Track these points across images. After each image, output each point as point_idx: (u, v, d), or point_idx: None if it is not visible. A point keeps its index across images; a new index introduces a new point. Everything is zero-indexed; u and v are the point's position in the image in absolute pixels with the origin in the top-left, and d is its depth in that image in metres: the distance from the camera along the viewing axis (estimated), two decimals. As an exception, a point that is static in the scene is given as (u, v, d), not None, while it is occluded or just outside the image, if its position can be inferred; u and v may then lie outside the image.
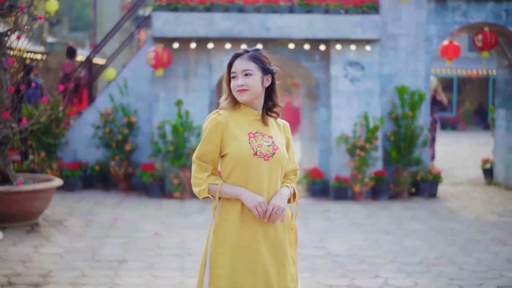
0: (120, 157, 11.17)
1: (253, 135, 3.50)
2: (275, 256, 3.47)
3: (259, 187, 3.45)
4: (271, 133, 3.55)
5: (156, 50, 10.69)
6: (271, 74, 3.57)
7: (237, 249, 3.43)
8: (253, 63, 3.50)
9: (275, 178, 3.51)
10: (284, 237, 3.52)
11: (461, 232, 8.59)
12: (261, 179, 3.45)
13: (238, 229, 3.45)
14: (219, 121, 3.50)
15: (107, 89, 11.84)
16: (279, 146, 3.52)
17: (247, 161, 3.44)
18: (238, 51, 3.58)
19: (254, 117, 3.55)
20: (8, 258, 6.89)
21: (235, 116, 3.54)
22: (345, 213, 9.80)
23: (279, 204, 3.44)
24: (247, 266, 3.42)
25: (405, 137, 10.98)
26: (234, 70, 3.52)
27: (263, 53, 3.58)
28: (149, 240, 7.84)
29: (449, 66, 27.65)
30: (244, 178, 3.46)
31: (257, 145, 3.47)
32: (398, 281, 6.34)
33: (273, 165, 3.48)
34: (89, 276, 6.36)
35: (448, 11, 11.33)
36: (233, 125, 3.50)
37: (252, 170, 3.45)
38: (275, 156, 3.48)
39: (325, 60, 11.30)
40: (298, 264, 6.77)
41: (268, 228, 3.47)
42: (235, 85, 3.50)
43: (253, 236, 3.44)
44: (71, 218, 9.02)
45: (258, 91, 3.52)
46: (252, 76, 3.49)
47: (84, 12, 37.38)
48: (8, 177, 8.40)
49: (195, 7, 10.86)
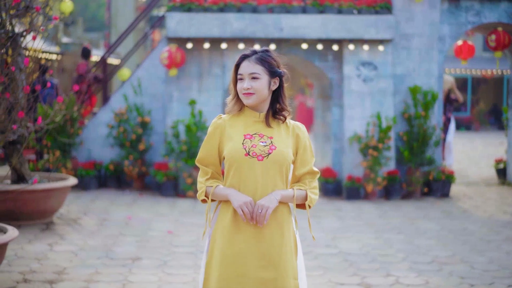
0: (134, 157, 11.26)
1: (250, 136, 3.45)
2: (269, 261, 3.38)
3: (252, 188, 3.39)
4: (273, 134, 3.47)
5: (169, 50, 10.77)
6: (279, 77, 3.50)
7: (227, 252, 3.38)
8: (260, 66, 3.44)
9: (273, 179, 3.42)
10: (280, 242, 3.42)
11: (473, 231, 8.61)
12: (254, 180, 3.39)
13: (230, 232, 3.40)
14: (219, 125, 3.51)
15: (121, 89, 11.94)
16: (277, 147, 3.43)
17: (238, 161, 3.40)
18: (246, 52, 3.51)
19: (255, 119, 3.50)
20: (23, 256, 6.99)
21: (236, 119, 3.52)
22: (357, 212, 9.83)
23: (263, 203, 3.34)
24: (236, 270, 3.36)
25: (417, 137, 10.99)
26: (241, 72, 3.46)
27: (272, 54, 3.51)
28: (163, 238, 7.92)
29: (463, 66, 27.59)
30: (238, 179, 3.42)
31: (251, 145, 3.42)
32: (409, 279, 6.37)
33: (268, 166, 3.40)
34: (103, 273, 6.44)
35: (462, 11, 11.33)
36: (231, 128, 3.49)
37: (244, 171, 3.40)
38: (271, 156, 3.40)
39: (338, 60, 11.33)
40: (310, 262, 6.85)
41: (262, 231, 3.39)
42: (242, 87, 3.44)
43: (245, 239, 3.38)
44: (85, 216, 9.12)
45: (265, 95, 3.46)
46: (259, 80, 3.43)
47: (99, 13, 37.59)
48: (23, 176, 8.51)
49: (209, 8, 10.92)
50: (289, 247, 3.45)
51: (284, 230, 3.46)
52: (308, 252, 7.40)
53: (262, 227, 3.38)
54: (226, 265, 3.37)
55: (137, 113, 11.39)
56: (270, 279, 3.36)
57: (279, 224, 3.44)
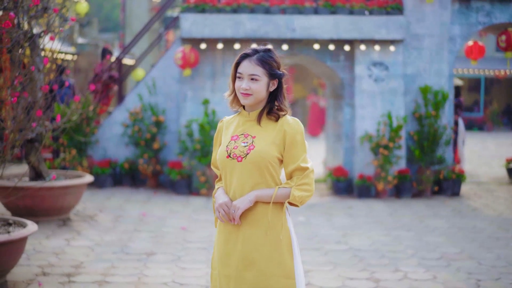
0: (149, 155, 11.45)
1: (236, 137, 3.45)
2: (251, 261, 3.35)
3: (234, 190, 3.40)
4: (258, 133, 3.43)
5: (183, 51, 10.95)
6: (279, 78, 3.45)
7: (219, 252, 3.47)
8: (260, 68, 3.39)
9: (253, 179, 3.37)
10: (262, 241, 3.36)
11: (482, 229, 8.72)
12: (236, 181, 3.39)
13: (220, 233, 3.49)
14: (219, 129, 3.59)
15: (136, 89, 12.14)
16: (256, 146, 3.38)
17: (222, 164, 3.44)
18: (247, 51, 3.46)
19: (246, 119, 3.49)
20: (42, 250, 7.19)
21: (233, 120, 3.56)
22: (368, 210, 9.97)
23: (235, 204, 3.35)
24: (223, 270, 3.43)
25: (428, 136, 11.12)
26: (241, 71, 3.42)
27: (273, 55, 3.46)
28: (177, 235, 8.10)
29: (476, 67, 27.62)
30: (225, 181, 3.47)
31: (233, 147, 3.42)
32: (417, 274, 6.51)
33: (246, 166, 3.37)
34: (118, 267, 6.62)
35: (472, 12, 11.44)
36: (226, 130, 3.54)
37: (228, 173, 3.43)
38: (249, 156, 3.36)
39: (349, 60, 11.47)
40: (320, 258, 7.01)
41: (244, 232, 3.38)
42: (240, 86, 3.42)
43: (230, 240, 3.42)
44: (101, 213, 9.32)
45: (262, 96, 3.43)
46: (258, 82, 3.39)
47: (113, 13, 37.85)
48: (41, 173, 8.72)
49: (222, 9, 11.10)
50: (274, 246, 3.36)
51: (268, 229, 3.37)
52: (319, 248, 7.55)
53: (244, 228, 3.37)
54: (219, 265, 3.46)
55: (152, 113, 11.58)
56: (252, 278, 3.34)
57: (261, 224, 3.37)
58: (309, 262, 6.93)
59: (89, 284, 6.02)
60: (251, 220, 3.38)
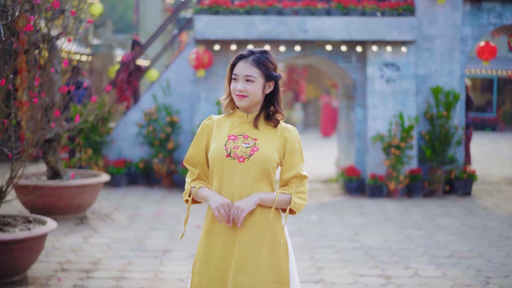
0: (163, 155, 11.63)
1: (234, 137, 3.39)
2: (247, 265, 3.29)
3: (231, 189, 3.33)
4: (258, 136, 3.39)
5: (197, 52, 11.11)
6: (275, 80, 3.41)
7: (207, 257, 3.36)
8: (256, 69, 3.34)
9: (253, 181, 3.33)
10: (260, 246, 3.32)
11: (493, 228, 8.83)
12: (234, 182, 3.32)
13: (211, 235, 3.38)
14: (207, 125, 3.48)
15: (150, 90, 12.31)
16: (260, 148, 3.34)
17: (219, 162, 3.34)
18: (243, 52, 3.41)
19: (243, 120, 3.44)
20: (60, 247, 7.38)
21: (225, 119, 3.48)
22: (379, 209, 10.09)
23: (239, 205, 3.26)
24: (215, 274, 3.34)
25: (439, 136, 11.22)
26: (236, 73, 3.37)
27: (269, 57, 3.40)
28: (192, 232, 8.25)
29: (489, 67, 27.62)
30: (218, 180, 3.37)
31: (233, 146, 3.35)
32: (428, 272, 6.63)
33: (249, 168, 3.32)
34: (135, 264, 6.79)
35: (483, 13, 11.53)
36: (218, 128, 3.45)
37: (225, 173, 3.34)
38: (252, 158, 3.31)
39: (361, 61, 11.60)
40: (332, 255, 7.15)
41: (241, 235, 3.32)
42: (235, 88, 3.37)
43: (224, 243, 3.34)
44: (117, 212, 9.50)
45: (258, 98, 3.38)
46: (254, 83, 3.34)
47: (126, 14, 38.09)
48: (59, 172, 8.91)
49: (236, 10, 11.25)
50: (272, 251, 3.33)
51: (266, 233, 3.33)
52: (331, 246, 7.69)
53: (241, 231, 3.31)
54: (207, 269, 3.35)
55: (166, 113, 11.75)
56: (248, 283, 3.28)
57: (259, 228, 3.33)
58: (321, 259, 7.07)
59: (107, 280, 6.19)
60: (250, 223, 3.32)
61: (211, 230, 3.39)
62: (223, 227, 3.35)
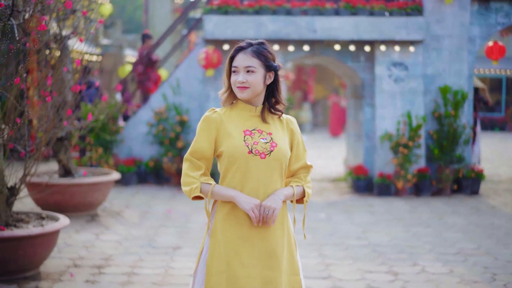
0: (173, 154, 11.73)
1: (249, 132, 3.34)
2: (274, 259, 3.31)
3: (255, 187, 3.30)
4: (271, 130, 3.38)
5: (207, 52, 11.21)
6: (275, 71, 3.40)
7: (233, 253, 3.29)
8: (256, 59, 3.33)
9: (274, 177, 3.33)
10: (282, 240, 3.36)
11: (500, 226, 8.88)
12: (257, 179, 3.29)
13: (234, 233, 3.31)
14: (214, 119, 3.38)
15: (160, 89, 12.42)
16: (278, 143, 3.34)
17: (241, 159, 3.28)
18: (241, 44, 3.40)
19: (251, 113, 3.40)
20: (72, 244, 7.49)
21: (232, 113, 3.41)
22: (387, 208, 10.16)
23: (270, 204, 3.25)
24: (243, 271, 3.28)
25: (447, 135, 11.28)
26: (236, 65, 3.36)
27: (267, 48, 3.39)
28: (201, 230, 8.35)
29: (498, 67, 27.63)
30: (239, 178, 3.31)
31: (252, 142, 3.31)
32: (435, 268, 6.71)
33: (270, 164, 3.31)
34: (146, 260, 6.89)
35: (491, 13, 11.59)
36: (228, 123, 3.36)
37: (247, 170, 3.29)
38: (273, 153, 3.31)
39: (370, 60, 11.67)
40: (340, 252, 7.23)
41: (265, 231, 3.31)
42: (236, 80, 3.34)
43: (248, 239, 3.31)
44: (127, 209, 9.62)
45: (259, 89, 3.36)
46: (254, 74, 3.33)
47: (135, 15, 38.23)
48: (70, 170, 9.03)
49: (245, 11, 11.34)
50: (289, 244, 3.41)
51: (285, 228, 3.40)
52: (339, 243, 7.77)
53: (262, 226, 3.32)
54: (234, 267, 3.27)
55: (176, 112, 11.86)
56: (275, 277, 3.29)
57: (280, 223, 3.38)
58: (330, 256, 7.15)
59: (119, 276, 6.30)
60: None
61: (226, 230, 3.32)
62: (242, 225, 3.31)
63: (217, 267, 3.30)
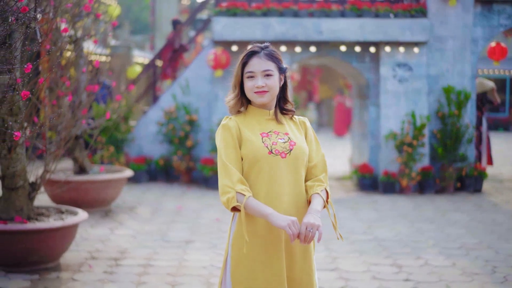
0: (182, 152, 12.02)
1: (266, 134, 3.30)
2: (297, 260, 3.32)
3: (281, 187, 3.25)
4: (286, 130, 3.36)
5: (215, 53, 11.49)
6: (284, 73, 3.41)
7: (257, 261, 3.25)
8: (271, 63, 3.33)
9: (297, 176, 3.30)
10: (310, 248, 3.37)
11: (502, 222, 9.14)
12: (281, 179, 3.25)
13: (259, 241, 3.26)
14: (233, 125, 3.32)
15: (170, 89, 12.70)
16: (296, 142, 3.32)
17: (262, 161, 3.23)
18: (252, 48, 3.38)
19: (266, 117, 3.38)
20: (88, 238, 7.79)
21: (246, 118, 3.37)
22: (392, 205, 10.43)
23: (313, 222, 3.13)
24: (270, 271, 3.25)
25: (451, 134, 11.54)
26: (252, 70, 3.31)
27: (276, 50, 3.41)
28: (212, 225, 8.63)
29: (501, 67, 27.83)
30: (263, 179, 3.24)
31: (271, 143, 3.27)
32: (437, 261, 6.98)
33: (292, 163, 3.27)
34: (160, 253, 7.18)
35: (494, 14, 11.84)
36: (245, 128, 3.32)
37: (269, 171, 3.23)
38: (293, 152, 3.28)
39: (375, 61, 11.93)
40: (347, 247, 7.52)
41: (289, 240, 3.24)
42: (254, 85, 3.30)
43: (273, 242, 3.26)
44: (140, 206, 9.91)
45: (277, 91, 3.36)
46: (272, 77, 3.31)
47: (142, 15, 38.50)
48: (84, 168, 9.32)
49: (253, 12, 11.62)
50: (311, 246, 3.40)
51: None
52: (346, 238, 8.05)
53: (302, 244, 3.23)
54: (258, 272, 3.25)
55: (185, 112, 12.14)
56: (297, 277, 3.31)
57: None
58: (336, 250, 7.43)
59: (135, 267, 6.59)
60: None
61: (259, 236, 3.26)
62: (277, 235, 3.25)
63: (246, 280, 3.27)
